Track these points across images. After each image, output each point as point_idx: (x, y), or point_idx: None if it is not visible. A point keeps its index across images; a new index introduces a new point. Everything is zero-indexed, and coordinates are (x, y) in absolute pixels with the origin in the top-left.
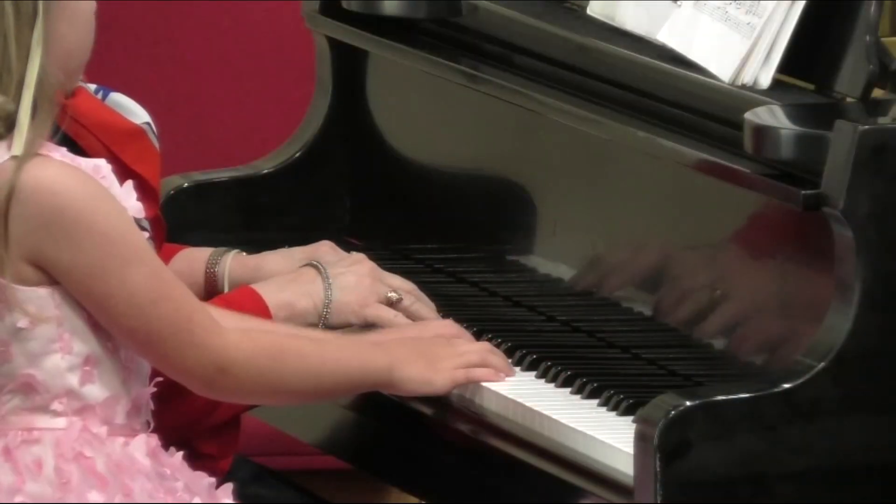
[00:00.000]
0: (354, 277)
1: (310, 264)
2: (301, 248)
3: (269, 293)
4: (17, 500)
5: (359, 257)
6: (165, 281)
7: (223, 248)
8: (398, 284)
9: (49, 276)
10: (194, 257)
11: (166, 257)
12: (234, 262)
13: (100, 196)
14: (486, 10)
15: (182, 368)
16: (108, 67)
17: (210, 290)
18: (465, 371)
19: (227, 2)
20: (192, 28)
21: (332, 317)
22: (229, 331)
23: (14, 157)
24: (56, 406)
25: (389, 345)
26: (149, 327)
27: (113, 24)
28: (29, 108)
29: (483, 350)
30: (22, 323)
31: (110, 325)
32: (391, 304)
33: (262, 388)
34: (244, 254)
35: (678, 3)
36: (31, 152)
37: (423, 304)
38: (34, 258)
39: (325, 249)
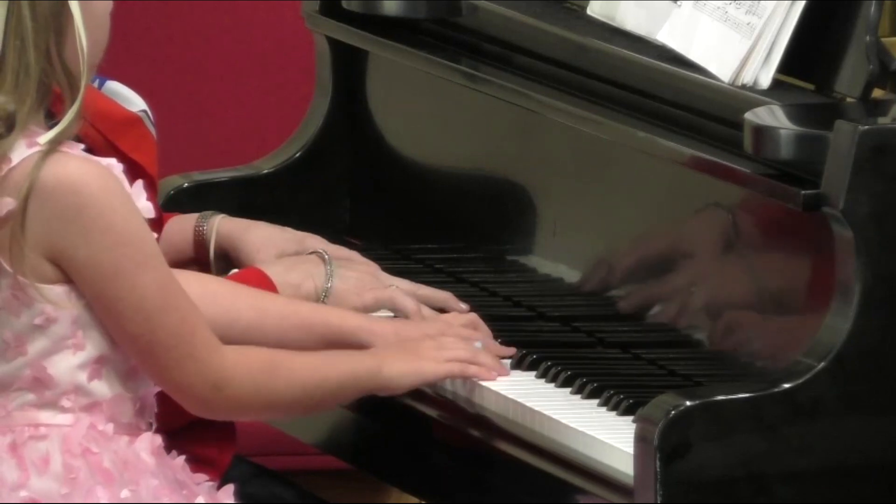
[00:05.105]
0: (356, 273)
1: (315, 252)
2: (290, 230)
3: (277, 274)
4: (20, 496)
5: (357, 256)
6: (174, 291)
7: (212, 211)
8: (399, 286)
9: (66, 273)
10: (185, 220)
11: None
12: (222, 221)
13: (119, 196)
14: (486, 10)
15: (179, 382)
16: (108, 67)
17: (198, 249)
18: (459, 365)
19: (227, 2)
20: (192, 28)
21: (330, 303)
22: (226, 349)
23: (46, 144)
24: (64, 402)
25: (376, 349)
26: (152, 336)
27: (113, 23)
28: (80, 101)
29: (470, 348)
30: (39, 320)
31: (114, 329)
32: None
33: (255, 405)
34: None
35: (678, 3)
36: (56, 144)
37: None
38: (52, 255)
39: (314, 241)
